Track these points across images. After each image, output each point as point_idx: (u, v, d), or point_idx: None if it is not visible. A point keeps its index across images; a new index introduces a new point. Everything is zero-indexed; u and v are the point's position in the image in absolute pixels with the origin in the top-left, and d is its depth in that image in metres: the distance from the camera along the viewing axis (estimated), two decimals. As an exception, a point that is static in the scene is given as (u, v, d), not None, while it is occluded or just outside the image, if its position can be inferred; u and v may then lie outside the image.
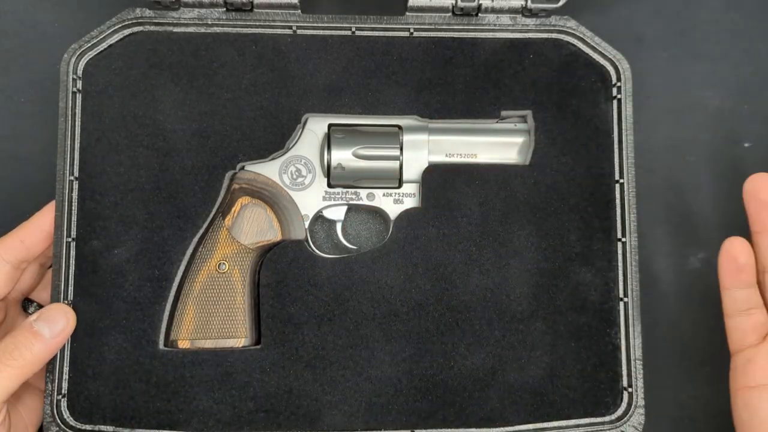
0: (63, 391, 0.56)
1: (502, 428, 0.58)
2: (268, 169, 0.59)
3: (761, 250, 0.55)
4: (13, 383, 0.50)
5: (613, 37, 0.61)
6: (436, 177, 0.60)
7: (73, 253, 0.57)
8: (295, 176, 0.60)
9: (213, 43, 0.60)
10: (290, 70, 0.60)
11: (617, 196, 0.60)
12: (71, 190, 0.57)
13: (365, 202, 0.60)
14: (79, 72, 0.58)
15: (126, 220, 0.58)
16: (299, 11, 0.60)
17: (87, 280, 0.57)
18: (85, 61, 0.59)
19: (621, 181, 0.60)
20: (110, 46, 0.59)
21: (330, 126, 0.60)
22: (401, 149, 0.60)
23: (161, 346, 0.57)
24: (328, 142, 0.59)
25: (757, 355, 0.55)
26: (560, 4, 0.59)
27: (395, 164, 0.59)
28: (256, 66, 0.60)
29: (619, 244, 0.59)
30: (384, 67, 0.60)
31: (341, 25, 0.60)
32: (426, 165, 0.60)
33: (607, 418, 0.58)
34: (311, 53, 0.60)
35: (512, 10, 0.60)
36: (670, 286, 0.65)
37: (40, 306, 0.59)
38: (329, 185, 0.60)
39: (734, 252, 0.55)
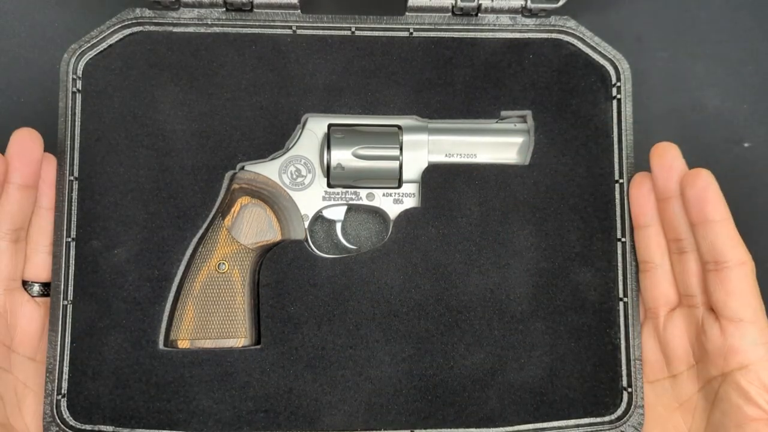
0: (63, 391, 0.56)
1: (502, 428, 0.58)
2: (268, 169, 0.59)
3: (642, 243, 0.58)
4: None
5: (613, 37, 0.61)
6: (436, 177, 0.60)
7: (72, 253, 0.57)
8: (294, 176, 0.60)
9: (213, 43, 0.60)
10: (290, 70, 0.60)
11: (617, 196, 0.60)
12: (71, 190, 0.57)
13: (365, 202, 0.60)
14: (79, 72, 0.58)
15: (126, 220, 0.58)
16: (299, 11, 0.60)
17: (87, 280, 0.57)
18: (85, 61, 0.59)
19: (621, 181, 0.60)
20: (110, 46, 0.59)
21: (330, 126, 0.60)
22: (401, 149, 0.60)
23: (161, 346, 0.57)
24: (328, 142, 0.59)
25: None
26: (560, 4, 0.59)
27: (395, 164, 0.59)
28: (256, 66, 0.60)
29: (619, 244, 0.59)
30: (384, 67, 0.60)
31: (341, 25, 0.60)
32: (426, 165, 0.60)
33: (606, 418, 0.58)
34: (311, 53, 0.60)
35: (512, 10, 0.60)
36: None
37: (43, 284, 0.57)
38: (329, 185, 0.60)
39: None
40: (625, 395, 0.58)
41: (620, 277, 0.59)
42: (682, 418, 0.55)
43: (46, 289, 0.57)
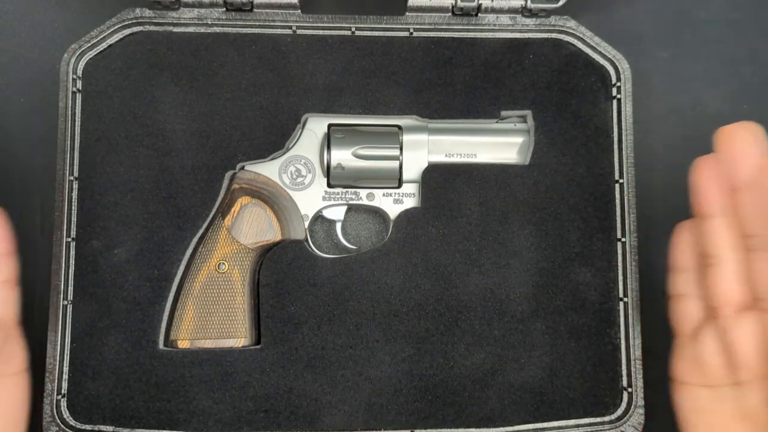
0: (63, 391, 0.56)
1: (502, 428, 0.58)
2: (268, 169, 0.59)
3: (705, 235, 0.49)
4: None
5: (613, 37, 0.61)
6: (436, 177, 0.60)
7: (72, 253, 0.57)
8: (294, 176, 0.60)
9: (213, 43, 0.60)
10: (290, 70, 0.60)
11: (617, 196, 0.60)
12: (71, 190, 0.57)
13: (365, 202, 0.60)
14: (79, 72, 0.58)
15: (126, 220, 0.58)
16: (299, 11, 0.60)
17: (87, 280, 0.57)
18: (85, 61, 0.59)
19: (621, 181, 0.60)
20: (110, 46, 0.59)
21: (330, 126, 0.60)
22: (401, 149, 0.60)
23: (161, 346, 0.57)
24: (328, 142, 0.59)
25: (681, 348, 0.52)
26: (560, 4, 0.59)
27: (395, 164, 0.59)
28: (256, 66, 0.60)
29: (619, 244, 0.59)
30: (384, 67, 0.60)
31: (341, 25, 0.60)
32: (426, 165, 0.60)
33: (607, 418, 0.58)
34: (311, 53, 0.60)
35: (512, 10, 0.60)
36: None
37: None
38: (329, 185, 0.60)
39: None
40: (625, 395, 0.58)
41: (620, 277, 0.59)
42: (743, 431, 0.49)
43: None
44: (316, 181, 0.60)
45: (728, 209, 0.48)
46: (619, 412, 0.58)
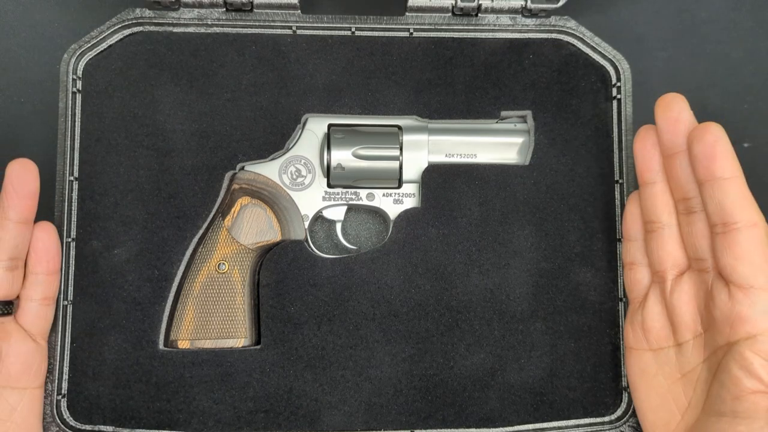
0: (63, 391, 0.56)
1: (502, 428, 0.58)
2: (268, 170, 0.59)
3: (647, 201, 0.53)
4: None
5: (613, 37, 0.61)
6: (436, 177, 0.60)
7: (72, 253, 0.57)
8: (294, 176, 0.60)
9: (213, 43, 0.60)
10: (290, 70, 0.60)
11: (617, 196, 0.60)
12: (71, 190, 0.57)
13: (365, 202, 0.60)
14: (79, 72, 0.58)
15: (126, 220, 0.58)
16: (299, 11, 0.60)
17: (87, 280, 0.57)
18: (85, 61, 0.59)
19: (621, 181, 0.60)
20: (110, 46, 0.59)
21: (330, 126, 0.60)
22: (401, 149, 0.60)
23: (161, 346, 0.57)
24: (328, 142, 0.59)
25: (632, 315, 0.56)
26: (560, 4, 0.59)
27: (395, 164, 0.59)
28: (256, 66, 0.60)
29: (619, 244, 0.59)
30: (384, 67, 0.60)
31: (341, 25, 0.60)
32: (426, 165, 0.60)
33: (607, 418, 0.58)
34: (311, 53, 0.60)
35: (512, 11, 0.60)
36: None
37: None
38: (329, 185, 0.60)
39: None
40: (625, 395, 0.58)
41: (620, 277, 0.59)
42: (683, 390, 0.52)
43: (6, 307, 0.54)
44: (316, 182, 0.60)
45: (667, 175, 0.52)
46: (619, 412, 0.58)
